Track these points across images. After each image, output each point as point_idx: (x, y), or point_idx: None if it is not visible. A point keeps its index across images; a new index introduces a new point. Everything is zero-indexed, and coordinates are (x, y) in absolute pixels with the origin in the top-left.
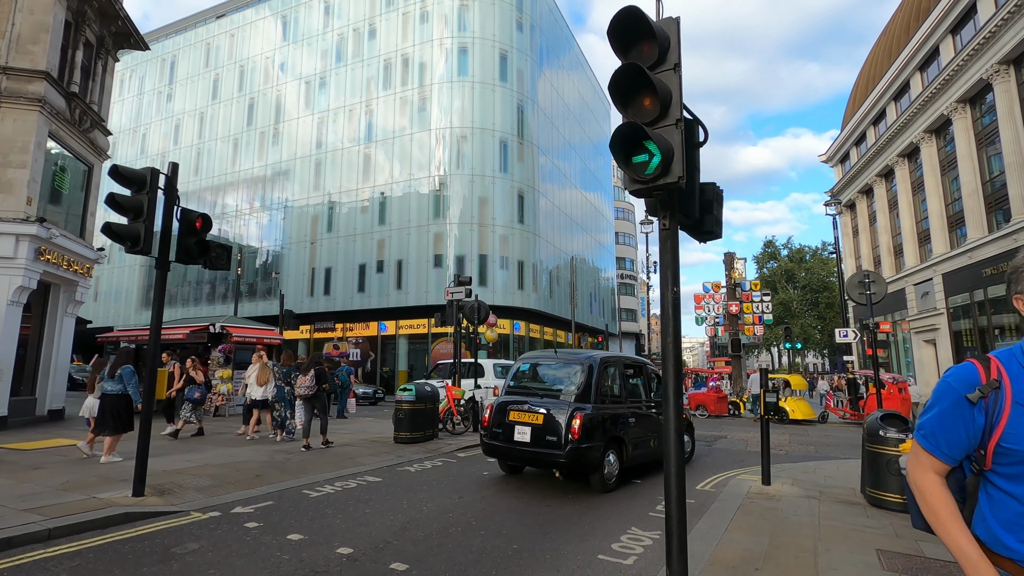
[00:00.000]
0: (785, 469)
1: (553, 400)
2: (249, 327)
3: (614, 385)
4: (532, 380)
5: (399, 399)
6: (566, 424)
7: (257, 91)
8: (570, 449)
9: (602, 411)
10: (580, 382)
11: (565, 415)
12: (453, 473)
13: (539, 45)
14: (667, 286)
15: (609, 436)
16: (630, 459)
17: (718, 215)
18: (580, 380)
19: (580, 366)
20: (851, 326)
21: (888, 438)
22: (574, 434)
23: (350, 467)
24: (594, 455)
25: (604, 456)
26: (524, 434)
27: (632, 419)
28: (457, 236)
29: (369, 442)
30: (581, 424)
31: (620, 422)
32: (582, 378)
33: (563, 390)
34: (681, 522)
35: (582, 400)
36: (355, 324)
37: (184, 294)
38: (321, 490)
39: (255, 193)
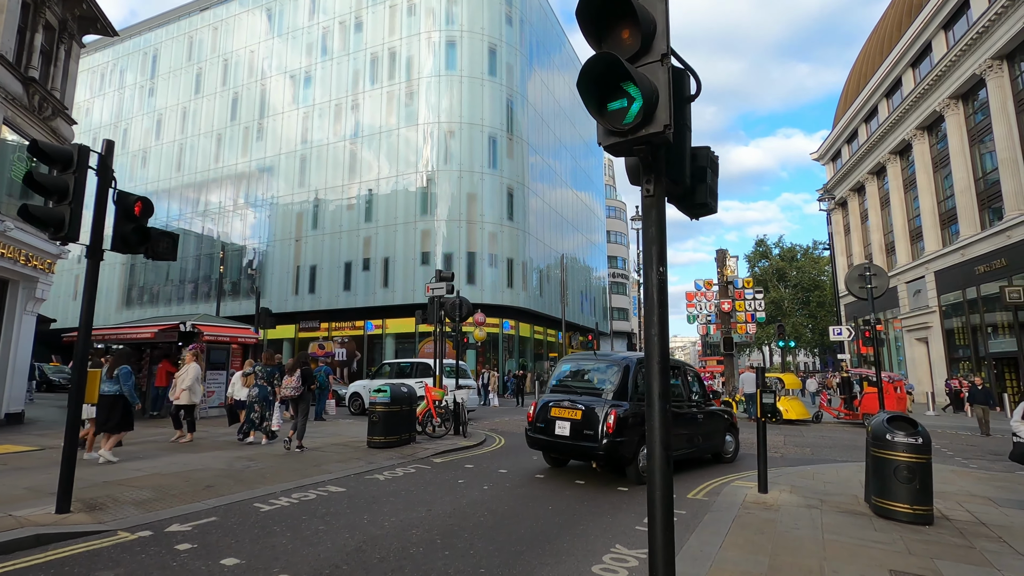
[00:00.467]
0: (782, 474)
1: (591, 398)
2: (223, 325)
3: None
4: (573, 379)
5: (373, 401)
6: (602, 420)
7: (241, 85)
8: (605, 443)
9: (637, 408)
10: (616, 381)
11: (601, 411)
12: (425, 481)
13: (529, 40)
14: (651, 266)
15: (643, 432)
16: None
17: (712, 185)
18: (616, 379)
19: (616, 366)
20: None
21: (896, 442)
22: (609, 429)
23: (314, 475)
24: (628, 449)
25: (638, 450)
26: (564, 428)
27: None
28: (445, 233)
29: (341, 447)
30: (615, 420)
31: None
32: (618, 377)
33: (601, 389)
34: (668, 548)
35: (618, 398)
36: (341, 323)
37: (166, 293)
38: (275, 503)
39: (239, 190)
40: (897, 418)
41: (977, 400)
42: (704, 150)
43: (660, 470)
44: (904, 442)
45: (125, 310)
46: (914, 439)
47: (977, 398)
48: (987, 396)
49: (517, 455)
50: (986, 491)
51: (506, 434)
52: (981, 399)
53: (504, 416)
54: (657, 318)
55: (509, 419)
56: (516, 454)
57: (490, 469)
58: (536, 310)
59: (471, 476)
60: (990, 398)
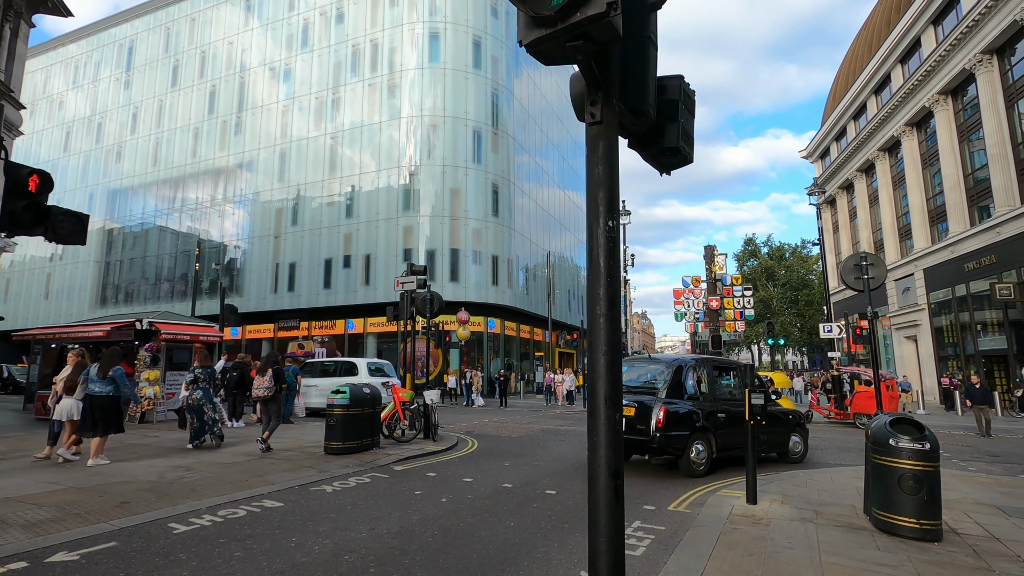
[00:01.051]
0: (772, 481)
1: (645, 396)
2: (183, 323)
3: (701, 384)
4: (629, 378)
5: (330, 403)
6: (653, 415)
7: (219, 78)
8: (656, 436)
9: (687, 406)
10: (667, 380)
11: (653, 408)
12: (378, 493)
13: (515, 33)
14: (596, 218)
15: (695, 428)
16: (720, 450)
17: (687, 126)
18: (667, 379)
19: (668, 367)
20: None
21: (900, 448)
22: (659, 424)
23: (253, 487)
24: (678, 443)
25: (689, 445)
26: None
27: (722, 415)
28: (428, 229)
29: (295, 453)
30: (665, 415)
31: (707, 417)
32: (669, 377)
33: (654, 387)
34: None
35: (671, 396)
36: (321, 322)
37: (143, 291)
38: (195, 522)
39: (216, 185)
40: (900, 420)
41: (977, 400)
42: (676, 80)
43: (606, 505)
44: (909, 448)
45: (99, 309)
46: (921, 444)
47: (977, 398)
48: (987, 396)
49: (488, 461)
50: (992, 498)
51: (481, 437)
52: (981, 399)
53: (484, 417)
54: (605, 292)
55: (489, 420)
56: (487, 460)
57: (454, 478)
58: (522, 309)
59: (431, 487)
60: (990, 398)
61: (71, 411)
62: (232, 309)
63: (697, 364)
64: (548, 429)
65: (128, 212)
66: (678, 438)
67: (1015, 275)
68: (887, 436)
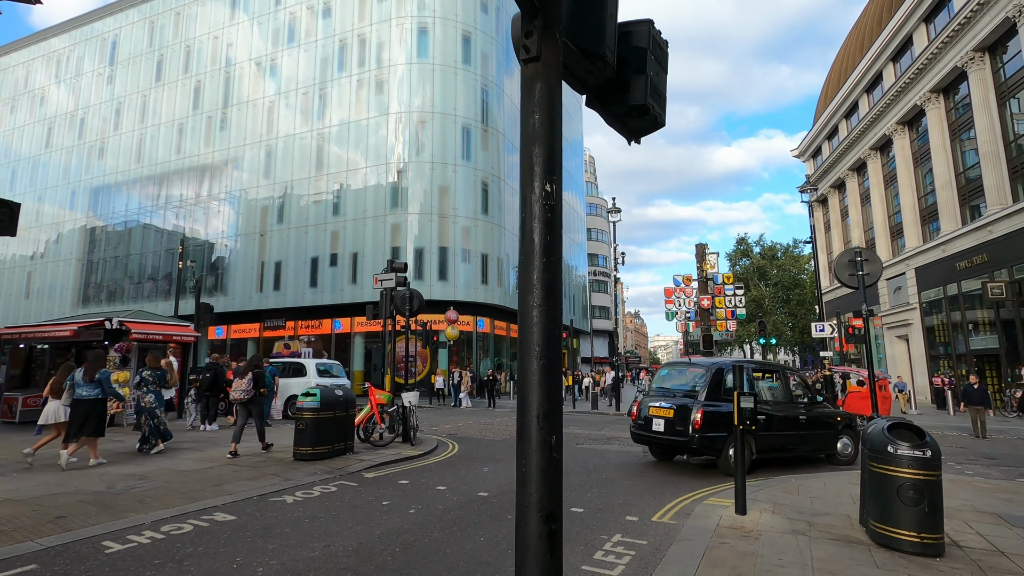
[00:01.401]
0: (763, 488)
1: (684, 399)
2: (156, 323)
3: (742, 387)
4: (669, 382)
5: (300, 406)
6: (691, 417)
7: (204, 73)
8: (695, 437)
9: (724, 408)
10: (705, 383)
11: (691, 410)
12: (343, 504)
13: (506, 29)
14: (531, 182)
15: (730, 429)
16: (761, 451)
17: (658, 82)
18: (705, 381)
19: (707, 370)
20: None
21: (899, 456)
22: (696, 425)
23: (207, 498)
24: (716, 443)
25: (727, 445)
26: (660, 425)
27: (762, 417)
28: (416, 227)
29: (263, 459)
30: (702, 417)
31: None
32: (706, 380)
33: (694, 390)
34: None
35: (709, 398)
36: (308, 321)
37: (126, 290)
38: (133, 540)
39: (201, 182)
40: (899, 425)
41: (973, 401)
42: (645, 25)
43: (536, 557)
44: (909, 455)
45: (81, 308)
46: (921, 452)
47: (973, 399)
48: (984, 396)
49: (465, 467)
50: (993, 505)
51: (463, 440)
52: (977, 400)
53: (470, 419)
54: (540, 276)
55: (474, 422)
56: (465, 465)
57: (427, 486)
58: (513, 308)
59: (400, 496)
60: (987, 399)
61: (56, 414)
62: (208, 308)
63: (736, 367)
64: None
65: (111, 209)
66: (716, 439)
67: (1007, 274)
68: (885, 443)
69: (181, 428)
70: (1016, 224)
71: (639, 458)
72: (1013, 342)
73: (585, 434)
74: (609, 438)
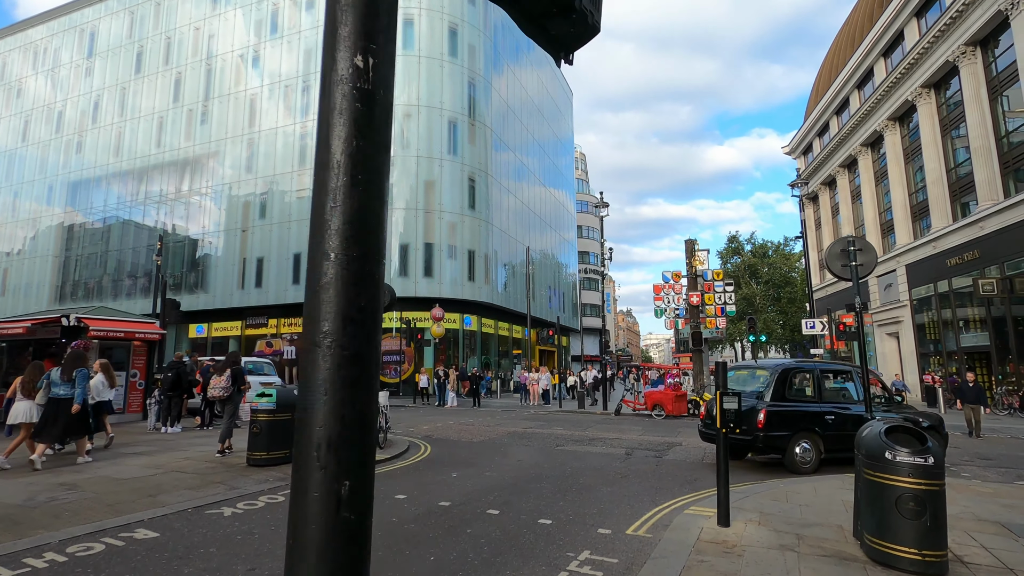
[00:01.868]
0: (749, 495)
1: (749, 399)
2: (119, 320)
3: (806, 387)
4: (736, 383)
5: (254, 408)
6: (755, 417)
7: (185, 65)
8: (760, 436)
9: (788, 407)
10: (768, 384)
11: (755, 410)
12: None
13: (494, 22)
14: (334, 51)
15: (798, 428)
16: (829, 451)
17: None
18: (768, 382)
19: (771, 371)
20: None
21: (899, 463)
22: (759, 424)
23: (136, 511)
24: (780, 442)
25: (791, 444)
26: None
27: (831, 417)
28: (401, 223)
29: (215, 464)
30: (766, 416)
31: (812, 418)
32: (770, 381)
33: (759, 390)
34: None
35: (774, 399)
36: (291, 319)
37: (104, 288)
38: (28, 564)
39: (181, 177)
40: (897, 428)
41: (968, 399)
42: None
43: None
44: (909, 463)
45: (58, 305)
46: (923, 459)
47: (968, 397)
48: (980, 395)
49: (434, 471)
50: (996, 513)
51: (438, 442)
52: (972, 398)
53: (452, 419)
54: (342, 201)
55: (455, 422)
56: (433, 470)
57: (385, 494)
58: (501, 305)
59: None
60: (983, 398)
61: (28, 413)
62: (174, 305)
63: (803, 368)
64: (514, 432)
65: (89, 205)
66: (780, 437)
67: (998, 270)
68: (882, 448)
69: (142, 431)
70: (1007, 220)
71: (620, 460)
72: (1004, 339)
73: (567, 435)
74: (592, 439)
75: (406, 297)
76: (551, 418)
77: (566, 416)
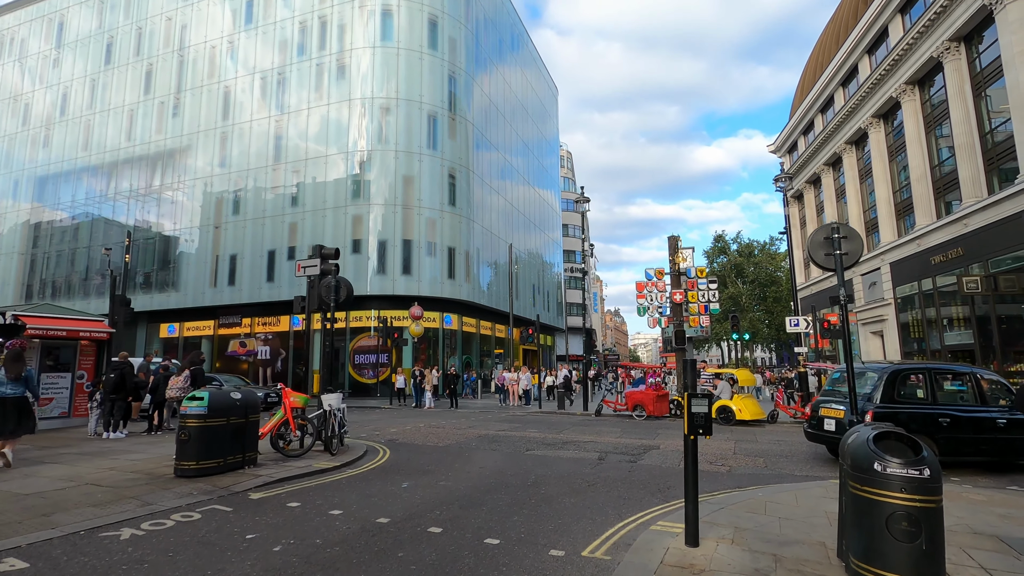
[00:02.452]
0: (724, 506)
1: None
2: (63, 317)
3: (918, 389)
4: (841, 384)
5: (183, 412)
6: (860, 417)
7: (156, 56)
8: None
9: (897, 409)
10: (877, 385)
11: (860, 411)
12: (193, 541)
13: (475, 15)
14: None
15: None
16: (944, 454)
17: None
18: (875, 384)
19: (879, 373)
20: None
21: (890, 477)
22: None
23: (18, 534)
24: None
25: None
26: (831, 425)
27: (946, 420)
28: (379, 219)
29: (138, 476)
30: (872, 418)
31: (924, 420)
32: (880, 382)
33: (866, 392)
34: None
35: (883, 400)
36: (265, 318)
37: (73, 286)
38: None
39: (152, 171)
40: (888, 435)
41: None
42: None
43: None
44: (902, 476)
45: (24, 304)
46: (918, 471)
47: None
48: None
49: (383, 481)
50: (991, 524)
51: (401, 446)
52: None
53: (424, 421)
54: None
55: (425, 425)
56: (383, 479)
57: (319, 509)
58: (483, 304)
59: (277, 525)
60: None
61: None
62: (124, 301)
63: (914, 369)
64: (486, 435)
65: (57, 200)
66: None
67: (982, 268)
68: (870, 458)
69: (83, 436)
70: (991, 217)
71: (591, 466)
72: (987, 338)
73: (540, 438)
74: (565, 442)
75: (384, 295)
76: (527, 420)
77: (543, 418)
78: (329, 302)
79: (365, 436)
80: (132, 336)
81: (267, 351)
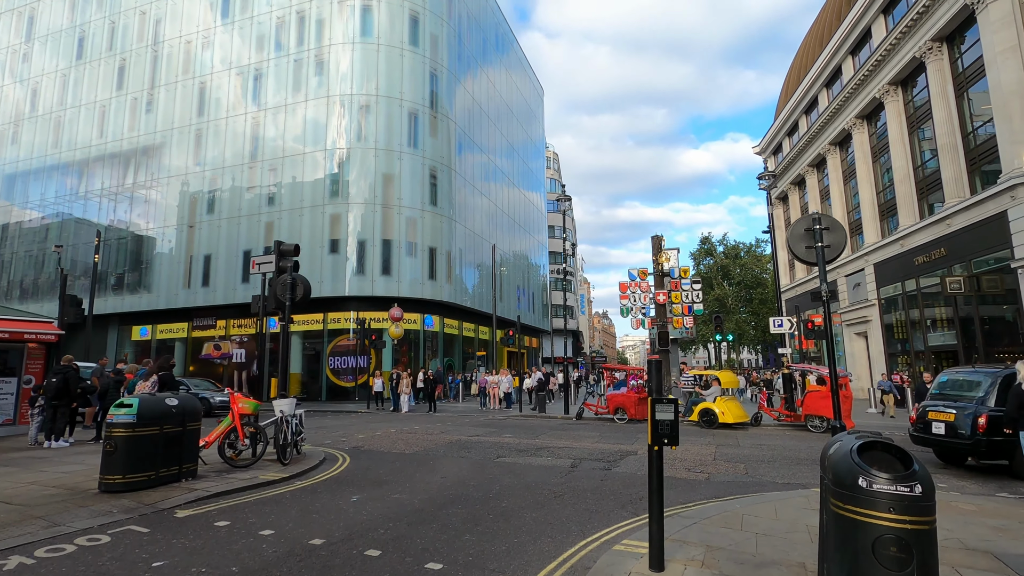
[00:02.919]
0: (696, 521)
1: (965, 404)
2: (7, 319)
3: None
4: (951, 388)
5: (110, 421)
6: (973, 421)
7: (130, 50)
8: (981, 440)
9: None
10: (988, 389)
11: (972, 414)
12: (90, 572)
13: (458, 12)
14: None
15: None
16: None
17: None
18: (988, 388)
19: (991, 377)
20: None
21: (876, 494)
22: (980, 429)
23: None
24: (1006, 447)
25: (1016, 448)
26: (940, 428)
27: None
28: (358, 218)
29: (57, 491)
30: (987, 421)
31: None
32: (989, 386)
33: (975, 396)
34: None
35: (998, 404)
36: (240, 320)
37: (41, 287)
38: None
39: (125, 169)
40: (874, 445)
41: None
42: None
43: None
44: (890, 494)
45: None
46: (908, 487)
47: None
48: None
49: (330, 495)
50: (985, 538)
51: (364, 453)
52: None
53: (396, 426)
54: None
55: (396, 430)
56: (331, 493)
57: (249, 530)
58: (466, 305)
59: (194, 550)
60: None
61: None
62: (75, 301)
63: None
64: (457, 441)
65: (26, 199)
66: (1003, 442)
67: (964, 268)
68: (854, 472)
69: (21, 445)
70: (974, 217)
71: (562, 475)
72: (971, 338)
73: (514, 443)
74: (539, 448)
75: (363, 297)
76: (505, 424)
77: (522, 421)
78: (285, 301)
79: (330, 443)
80: (103, 339)
81: (242, 354)
